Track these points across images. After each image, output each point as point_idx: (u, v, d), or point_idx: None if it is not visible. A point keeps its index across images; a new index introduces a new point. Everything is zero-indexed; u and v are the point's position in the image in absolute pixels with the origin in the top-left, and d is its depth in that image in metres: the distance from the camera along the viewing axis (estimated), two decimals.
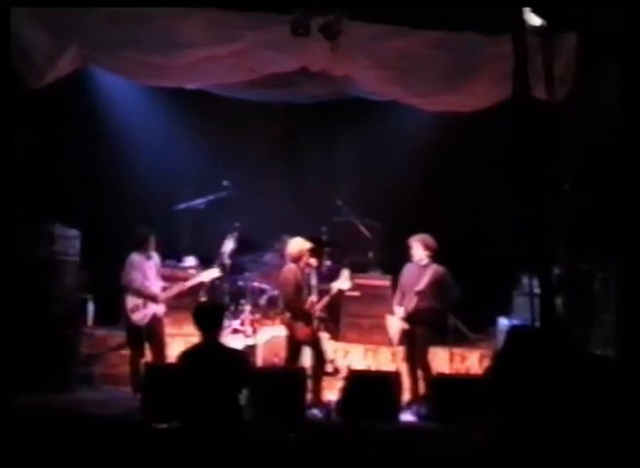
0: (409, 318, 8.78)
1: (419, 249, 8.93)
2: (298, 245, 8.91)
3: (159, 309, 8.74)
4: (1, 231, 7.27)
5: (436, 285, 8.80)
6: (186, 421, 6.15)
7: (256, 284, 10.00)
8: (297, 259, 8.84)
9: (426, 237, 8.95)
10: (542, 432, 6.07)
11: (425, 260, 8.89)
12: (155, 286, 8.80)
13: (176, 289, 8.90)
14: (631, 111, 7.43)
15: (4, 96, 7.33)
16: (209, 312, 6.52)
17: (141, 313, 8.63)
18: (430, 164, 11.21)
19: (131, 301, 8.65)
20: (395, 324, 8.89)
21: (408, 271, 9.07)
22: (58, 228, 9.20)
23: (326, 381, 8.75)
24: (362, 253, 10.82)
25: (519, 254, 7.16)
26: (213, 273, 9.20)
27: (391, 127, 11.19)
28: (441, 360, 9.45)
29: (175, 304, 9.13)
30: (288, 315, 8.74)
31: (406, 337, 8.85)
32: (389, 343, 9.43)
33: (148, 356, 8.74)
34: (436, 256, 8.91)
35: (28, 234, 9.01)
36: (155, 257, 8.91)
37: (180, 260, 10.43)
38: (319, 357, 8.64)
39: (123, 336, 9.05)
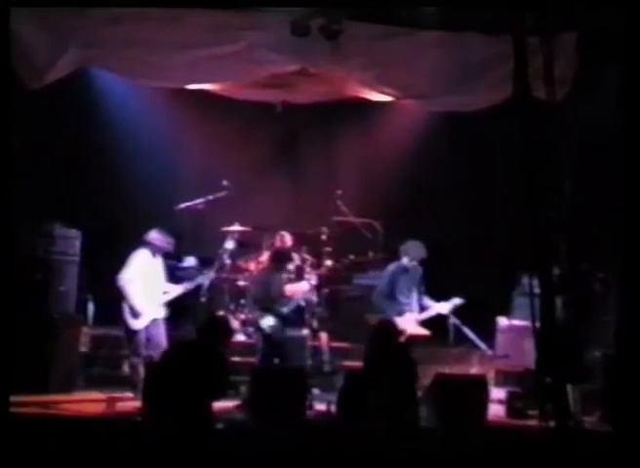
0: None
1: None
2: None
3: (159, 313, 8.75)
4: (1, 231, 7.27)
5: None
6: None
7: None
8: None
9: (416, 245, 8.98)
10: None
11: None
12: (158, 285, 8.82)
13: (175, 292, 8.93)
14: (631, 111, 7.42)
15: (4, 96, 7.32)
16: (217, 326, 6.57)
17: (141, 321, 8.64)
18: (430, 164, 11.21)
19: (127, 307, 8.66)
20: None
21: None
22: (58, 228, 9.21)
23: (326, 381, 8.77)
24: (362, 253, 10.83)
25: (519, 254, 7.15)
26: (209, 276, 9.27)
27: (391, 127, 11.19)
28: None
29: (175, 304, 9.13)
30: None
31: None
32: None
33: None
34: None
35: (28, 234, 9.02)
36: (158, 256, 8.94)
37: (180, 260, 10.43)
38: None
39: (123, 336, 9.05)
